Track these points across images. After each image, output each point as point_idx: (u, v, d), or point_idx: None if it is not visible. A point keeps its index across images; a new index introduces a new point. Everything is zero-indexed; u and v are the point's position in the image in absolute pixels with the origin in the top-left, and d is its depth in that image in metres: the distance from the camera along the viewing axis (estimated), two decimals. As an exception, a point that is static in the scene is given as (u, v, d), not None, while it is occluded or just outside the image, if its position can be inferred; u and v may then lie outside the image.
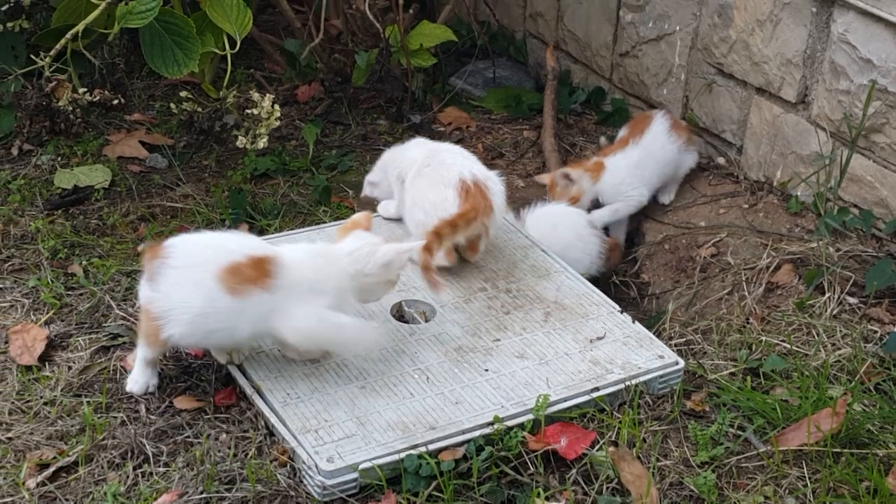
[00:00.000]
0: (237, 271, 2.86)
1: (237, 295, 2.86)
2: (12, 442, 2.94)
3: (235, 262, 2.87)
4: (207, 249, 2.92)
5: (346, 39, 4.84)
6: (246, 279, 2.86)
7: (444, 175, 3.49)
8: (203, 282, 2.85)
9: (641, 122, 4.30)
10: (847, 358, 3.28)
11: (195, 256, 2.90)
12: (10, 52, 4.29)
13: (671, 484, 2.86)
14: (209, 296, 2.85)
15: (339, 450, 2.80)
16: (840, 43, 3.73)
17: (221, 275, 2.85)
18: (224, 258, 2.87)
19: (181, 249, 2.90)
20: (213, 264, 2.86)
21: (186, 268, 2.87)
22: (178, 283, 2.87)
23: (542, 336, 3.28)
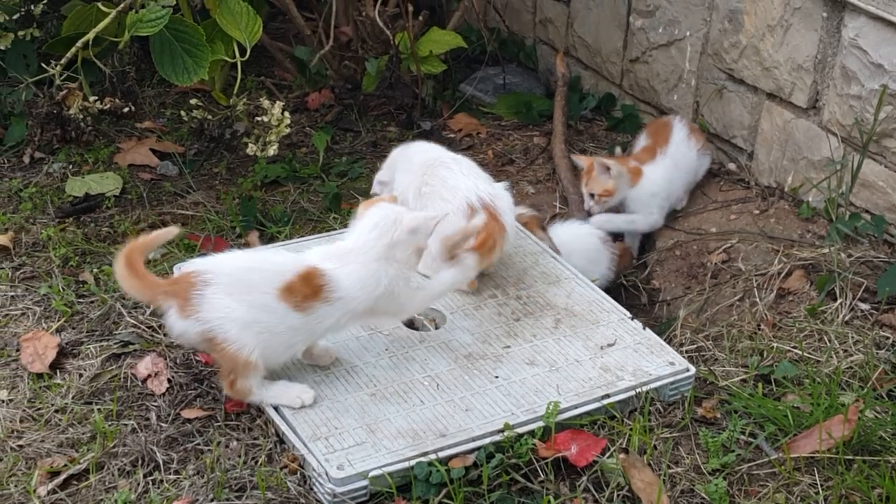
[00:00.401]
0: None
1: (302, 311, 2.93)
2: (23, 449, 2.94)
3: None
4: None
5: (357, 46, 4.84)
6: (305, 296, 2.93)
7: (449, 200, 3.44)
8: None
9: (663, 130, 4.28)
10: (859, 364, 3.27)
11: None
12: (22, 60, 4.30)
13: (682, 491, 2.85)
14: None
15: (349, 457, 2.80)
16: (851, 48, 3.72)
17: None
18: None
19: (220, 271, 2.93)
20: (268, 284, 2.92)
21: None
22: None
23: (552, 343, 3.28)
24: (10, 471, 2.87)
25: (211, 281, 2.88)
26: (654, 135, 4.31)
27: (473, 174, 3.51)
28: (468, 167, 3.54)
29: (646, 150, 4.28)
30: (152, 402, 3.11)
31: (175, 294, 2.89)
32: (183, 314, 2.88)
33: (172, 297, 2.89)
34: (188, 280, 2.90)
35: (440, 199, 3.42)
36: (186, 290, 2.88)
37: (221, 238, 3.91)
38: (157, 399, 3.12)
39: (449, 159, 3.56)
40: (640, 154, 4.28)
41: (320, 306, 2.94)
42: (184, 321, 2.88)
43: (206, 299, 2.86)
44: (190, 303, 2.87)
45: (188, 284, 2.89)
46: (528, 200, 4.36)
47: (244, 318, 2.87)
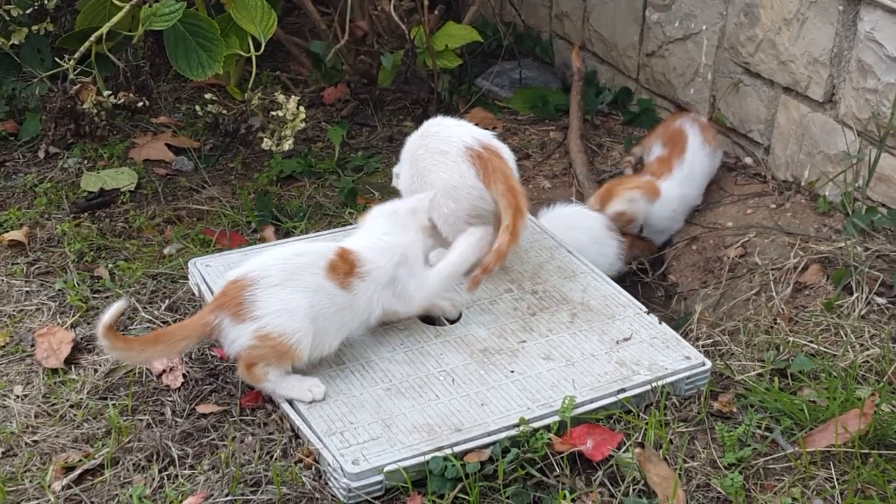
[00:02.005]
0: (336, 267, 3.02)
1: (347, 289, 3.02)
2: (38, 445, 2.95)
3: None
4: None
5: (372, 41, 4.83)
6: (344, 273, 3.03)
7: (447, 150, 3.41)
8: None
9: (678, 139, 4.22)
10: (875, 358, 3.25)
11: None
12: (37, 55, 4.30)
13: (698, 485, 2.84)
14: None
15: (364, 452, 2.80)
16: (867, 41, 3.70)
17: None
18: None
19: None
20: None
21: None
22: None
23: (568, 337, 3.27)
24: (25, 466, 2.87)
25: (259, 278, 2.92)
26: (669, 143, 4.25)
27: (465, 125, 3.49)
28: (458, 121, 3.52)
29: (662, 161, 4.22)
30: (167, 398, 3.11)
31: (225, 305, 2.92)
32: (238, 319, 2.90)
33: (223, 308, 2.92)
34: (236, 285, 2.93)
35: (438, 154, 3.41)
36: (237, 295, 2.91)
37: (237, 233, 3.91)
38: (172, 394, 3.12)
39: (437, 120, 3.53)
40: (656, 165, 4.22)
41: (357, 283, 3.01)
42: (238, 326, 2.91)
43: (258, 297, 2.90)
44: (243, 305, 2.90)
45: (237, 289, 2.92)
46: (544, 195, 4.35)
47: (299, 305, 2.91)
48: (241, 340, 2.92)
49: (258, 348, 2.92)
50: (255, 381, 2.98)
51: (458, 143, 3.39)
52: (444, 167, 3.39)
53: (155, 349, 2.92)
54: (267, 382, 2.97)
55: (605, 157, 4.60)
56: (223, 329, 2.93)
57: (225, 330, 2.93)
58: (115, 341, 2.85)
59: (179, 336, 2.93)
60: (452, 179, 3.38)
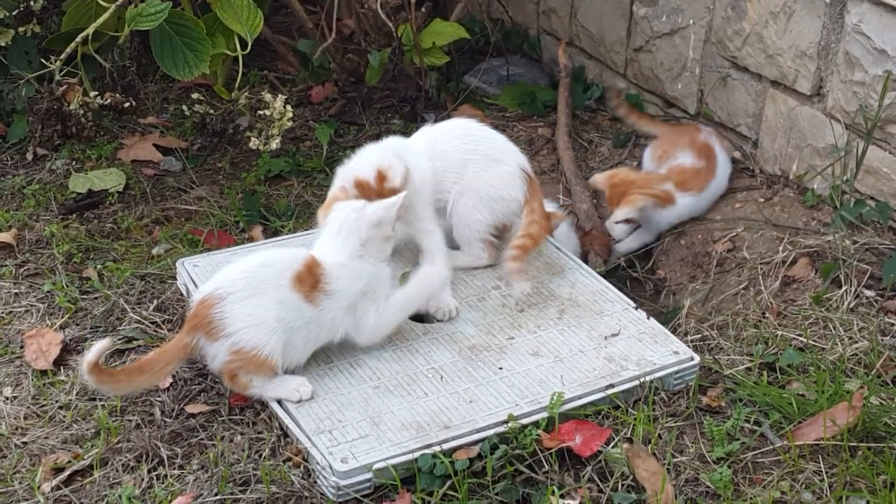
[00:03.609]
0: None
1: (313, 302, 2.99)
2: (28, 446, 2.95)
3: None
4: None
5: (359, 39, 4.83)
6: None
7: (501, 158, 3.48)
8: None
9: (709, 154, 4.16)
10: (864, 351, 3.26)
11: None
12: (24, 56, 4.29)
13: (687, 480, 2.84)
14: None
15: (353, 450, 2.80)
16: (854, 34, 3.70)
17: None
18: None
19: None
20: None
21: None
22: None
23: (556, 333, 3.27)
24: (15, 467, 2.87)
25: (226, 294, 2.91)
26: (703, 156, 4.16)
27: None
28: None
29: (700, 174, 4.12)
30: (156, 398, 3.11)
31: (198, 326, 2.92)
32: (212, 338, 2.91)
33: (197, 329, 2.92)
34: (205, 304, 2.92)
35: (493, 161, 3.48)
36: (207, 314, 2.90)
37: (225, 233, 3.91)
38: (161, 394, 3.12)
39: (475, 124, 3.57)
40: (691, 176, 4.11)
41: (322, 298, 2.98)
42: (214, 344, 2.91)
43: (227, 313, 2.90)
44: (213, 324, 2.90)
45: (206, 308, 2.91)
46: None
47: (266, 317, 2.90)
48: (220, 357, 2.93)
49: (235, 362, 2.92)
50: (242, 390, 2.99)
51: (515, 157, 3.49)
52: (496, 177, 3.44)
53: (141, 378, 2.92)
54: (253, 388, 2.97)
55: (593, 153, 4.60)
56: (202, 348, 2.94)
57: (203, 349, 2.94)
58: (100, 376, 2.84)
59: (163, 362, 2.93)
60: (500, 191, 3.43)
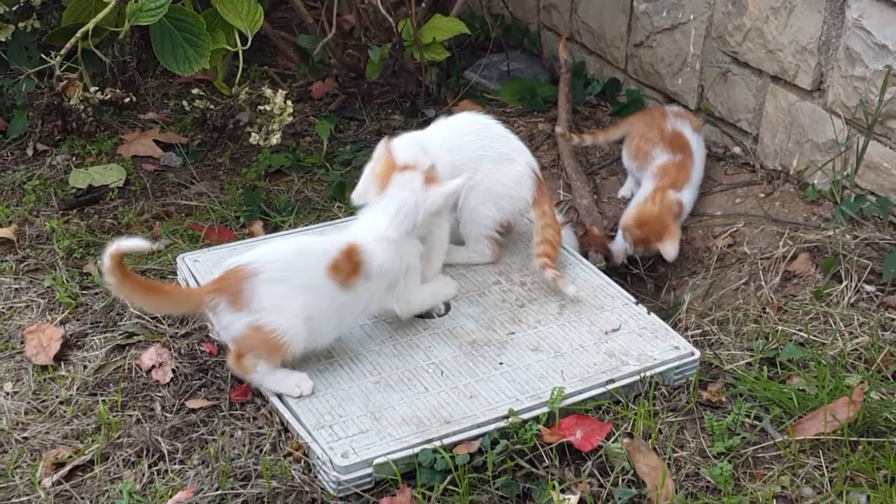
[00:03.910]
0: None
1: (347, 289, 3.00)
2: (28, 441, 2.94)
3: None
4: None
5: (359, 34, 4.83)
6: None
7: (513, 158, 3.50)
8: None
9: (683, 144, 4.14)
10: (864, 346, 3.26)
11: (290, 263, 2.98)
12: (24, 52, 4.30)
13: (687, 475, 2.84)
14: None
15: (353, 445, 2.80)
16: (855, 29, 3.70)
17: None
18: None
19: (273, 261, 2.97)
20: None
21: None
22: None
23: (556, 329, 3.27)
24: (16, 462, 2.87)
25: (260, 270, 2.92)
26: (678, 148, 4.14)
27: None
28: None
29: (681, 167, 4.10)
30: (157, 393, 3.11)
31: (224, 289, 2.92)
32: (234, 306, 2.90)
33: (222, 293, 2.92)
34: (237, 274, 2.92)
35: (505, 160, 3.51)
36: (237, 283, 2.90)
37: (225, 228, 3.91)
38: (162, 389, 3.12)
39: (490, 121, 3.58)
40: (675, 172, 4.08)
41: (360, 282, 3.01)
42: (234, 314, 2.91)
43: (257, 289, 2.90)
44: (241, 295, 2.90)
45: (238, 278, 2.91)
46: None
47: (294, 304, 2.91)
48: (235, 327, 2.93)
49: (250, 339, 2.92)
50: (244, 372, 2.99)
51: (526, 157, 3.52)
52: (508, 175, 3.45)
53: (145, 298, 2.94)
54: (255, 374, 2.97)
55: (593, 149, 4.59)
56: (218, 312, 2.94)
57: (220, 313, 2.94)
58: (117, 271, 2.83)
59: (174, 300, 2.97)
60: (510, 190, 3.45)
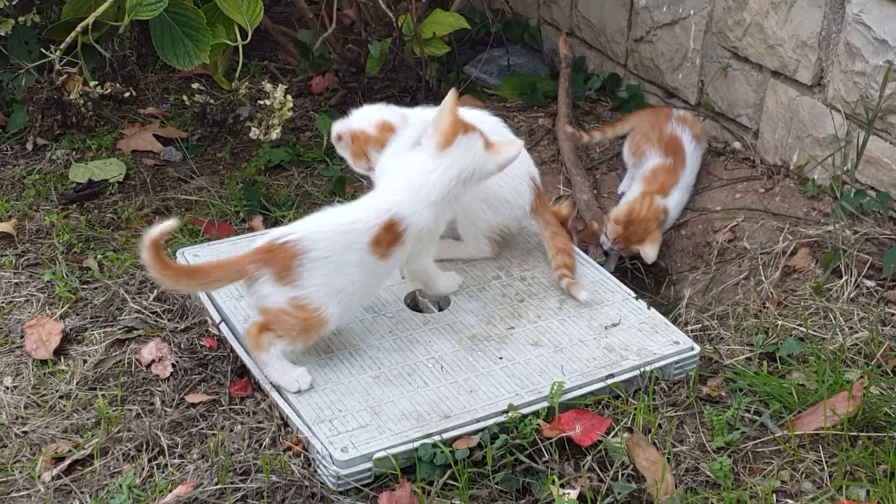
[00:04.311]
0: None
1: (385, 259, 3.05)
2: (28, 436, 2.95)
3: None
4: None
5: (359, 29, 4.83)
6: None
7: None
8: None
9: (677, 147, 4.13)
10: (864, 341, 3.26)
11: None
12: (24, 46, 4.29)
13: (687, 469, 2.84)
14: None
15: (353, 439, 2.80)
16: (855, 24, 3.70)
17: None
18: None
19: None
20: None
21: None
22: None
23: (556, 323, 3.27)
24: (15, 457, 2.88)
25: (309, 247, 2.93)
26: (670, 151, 4.13)
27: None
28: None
29: (669, 171, 4.09)
30: (156, 387, 3.11)
31: (270, 261, 2.92)
32: (279, 280, 2.91)
33: (267, 264, 2.92)
34: (285, 248, 2.92)
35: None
36: (286, 259, 2.91)
37: (225, 223, 3.91)
38: (162, 384, 3.12)
39: (497, 119, 3.56)
40: (662, 175, 4.08)
41: (396, 250, 3.04)
42: (277, 286, 2.92)
43: (305, 266, 2.91)
44: (289, 271, 2.91)
45: (287, 252, 2.92)
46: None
47: (338, 281, 2.95)
48: (274, 299, 2.93)
49: (288, 315, 2.93)
50: (257, 347, 2.98)
51: (527, 165, 3.50)
52: (507, 180, 3.45)
53: (190, 282, 2.95)
54: (265, 353, 2.97)
55: (593, 144, 4.59)
56: (258, 282, 2.94)
57: (260, 284, 2.94)
58: (155, 256, 2.83)
59: (214, 276, 2.95)
60: (507, 194, 3.45)
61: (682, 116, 4.25)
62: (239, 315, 3.23)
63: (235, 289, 3.32)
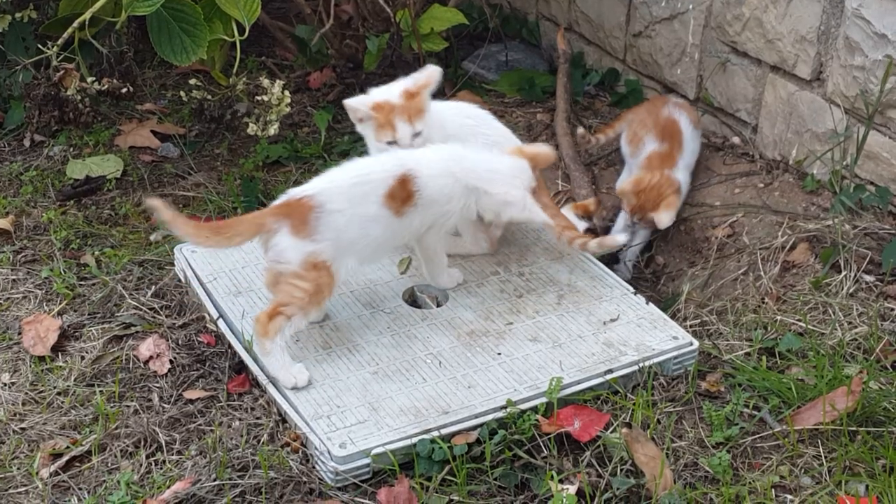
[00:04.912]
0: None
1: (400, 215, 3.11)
2: (26, 432, 2.95)
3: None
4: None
5: (357, 24, 4.81)
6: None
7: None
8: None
9: (674, 131, 4.10)
10: (863, 336, 3.25)
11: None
12: (21, 42, 4.29)
13: (686, 465, 2.84)
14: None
15: (351, 435, 2.80)
16: (854, 18, 3.69)
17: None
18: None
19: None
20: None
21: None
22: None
23: (555, 319, 3.26)
24: (13, 453, 2.88)
25: (324, 202, 2.98)
26: (666, 137, 4.10)
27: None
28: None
29: (666, 157, 4.05)
30: (154, 384, 3.11)
31: (289, 215, 2.96)
32: (298, 234, 2.95)
33: (286, 217, 2.96)
34: (301, 202, 2.97)
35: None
36: (305, 212, 2.96)
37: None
38: (160, 380, 3.12)
39: (485, 113, 3.63)
40: (660, 160, 4.05)
41: (411, 211, 3.10)
42: (295, 240, 2.95)
43: (321, 220, 2.96)
44: (307, 224, 2.95)
45: (304, 207, 2.97)
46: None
47: (354, 234, 3.00)
48: (290, 255, 2.96)
49: (300, 279, 2.96)
50: (264, 334, 2.97)
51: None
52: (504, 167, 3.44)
53: (214, 238, 2.97)
54: (270, 342, 2.96)
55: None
56: (276, 234, 2.97)
57: (278, 237, 2.97)
58: (177, 218, 2.92)
59: (236, 231, 2.97)
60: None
61: (678, 103, 4.24)
62: (236, 311, 3.23)
63: (233, 285, 3.32)
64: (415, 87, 3.35)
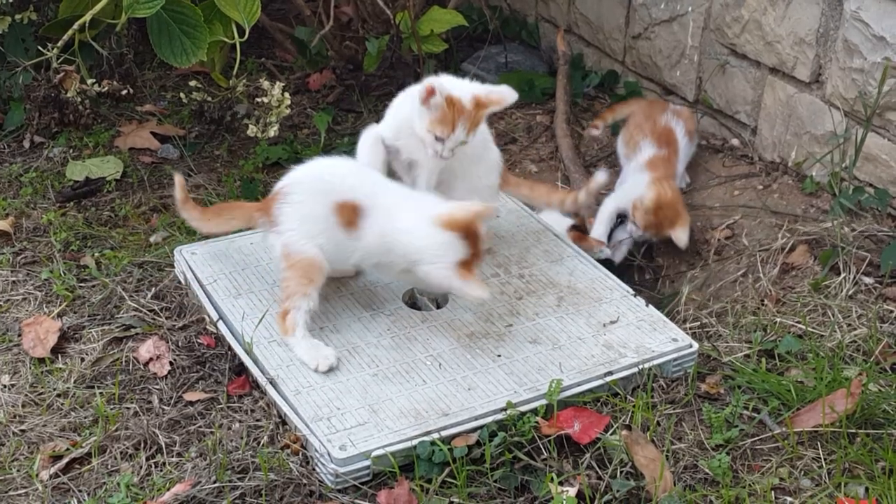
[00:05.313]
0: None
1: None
2: (25, 434, 2.94)
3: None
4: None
5: (357, 26, 4.82)
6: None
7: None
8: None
9: (670, 138, 4.14)
10: (862, 338, 3.26)
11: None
12: (21, 44, 4.29)
13: (685, 467, 2.84)
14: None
15: (351, 437, 2.80)
16: (853, 20, 3.70)
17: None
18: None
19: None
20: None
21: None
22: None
23: (554, 321, 3.27)
24: (13, 455, 2.87)
25: (289, 192, 3.03)
26: (663, 142, 4.13)
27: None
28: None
29: (664, 161, 4.09)
30: (154, 386, 3.11)
31: (265, 209, 3.06)
32: (271, 227, 3.05)
33: (264, 212, 3.07)
34: (275, 195, 3.05)
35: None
36: (272, 205, 3.04)
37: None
38: (159, 382, 3.12)
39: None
40: (657, 164, 4.08)
41: (356, 234, 3.09)
42: (272, 234, 3.06)
43: (284, 211, 3.02)
44: (274, 216, 3.03)
45: (274, 199, 3.04)
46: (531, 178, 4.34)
47: (313, 228, 3.03)
48: (275, 249, 3.09)
49: (286, 270, 3.04)
50: (285, 332, 3.06)
51: (495, 152, 3.54)
52: (483, 167, 3.48)
53: (216, 220, 3.14)
54: (292, 337, 3.04)
55: (591, 141, 4.59)
56: (267, 233, 3.12)
57: (268, 235, 3.12)
58: (186, 201, 3.17)
59: (229, 215, 3.12)
60: (490, 178, 3.50)
61: (677, 110, 4.25)
62: (236, 313, 3.23)
63: (233, 287, 3.32)
64: (486, 100, 3.22)
